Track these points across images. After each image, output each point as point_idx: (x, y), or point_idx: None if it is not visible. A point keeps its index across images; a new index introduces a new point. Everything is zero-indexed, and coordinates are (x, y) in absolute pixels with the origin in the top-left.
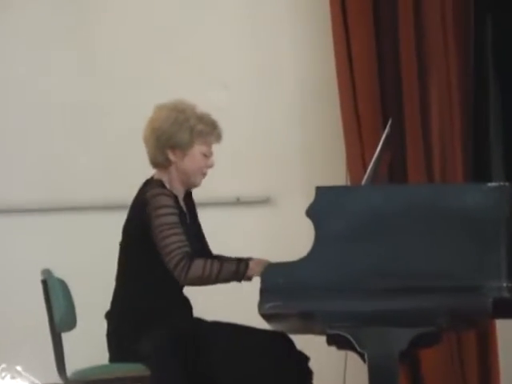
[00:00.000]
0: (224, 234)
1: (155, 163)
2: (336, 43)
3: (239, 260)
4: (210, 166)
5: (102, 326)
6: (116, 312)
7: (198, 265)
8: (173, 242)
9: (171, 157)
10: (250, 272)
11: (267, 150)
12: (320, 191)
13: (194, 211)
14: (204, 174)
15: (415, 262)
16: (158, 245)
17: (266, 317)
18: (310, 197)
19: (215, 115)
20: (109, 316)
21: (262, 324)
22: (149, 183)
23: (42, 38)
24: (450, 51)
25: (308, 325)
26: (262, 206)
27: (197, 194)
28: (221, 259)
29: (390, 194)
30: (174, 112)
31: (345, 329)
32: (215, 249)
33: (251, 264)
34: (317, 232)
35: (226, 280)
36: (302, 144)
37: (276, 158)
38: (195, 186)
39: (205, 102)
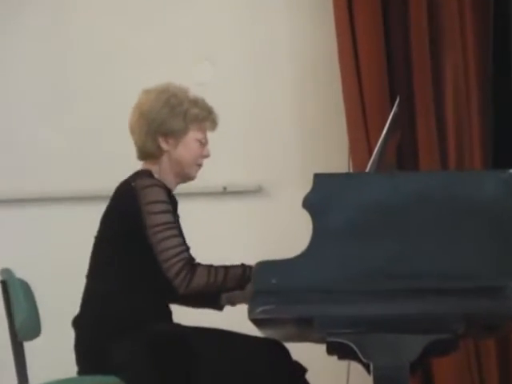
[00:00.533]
0: (210, 227)
1: (144, 153)
2: (336, 13)
3: (244, 265)
4: (206, 156)
5: (70, 334)
6: (86, 316)
7: (202, 272)
8: (171, 246)
9: (163, 145)
10: None
11: (258, 133)
12: (318, 179)
13: (176, 208)
14: (199, 165)
15: (427, 260)
16: (154, 248)
17: (257, 322)
18: (306, 186)
19: (199, 93)
20: (77, 321)
21: (253, 330)
22: (136, 173)
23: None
24: (466, 21)
25: (305, 332)
26: (253, 196)
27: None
28: (224, 265)
29: (398, 183)
30: (164, 94)
31: (347, 336)
32: (200, 246)
33: None
34: (315, 225)
35: (231, 287)
36: (298, 126)
37: (268, 142)
38: (190, 178)
39: (187, 78)
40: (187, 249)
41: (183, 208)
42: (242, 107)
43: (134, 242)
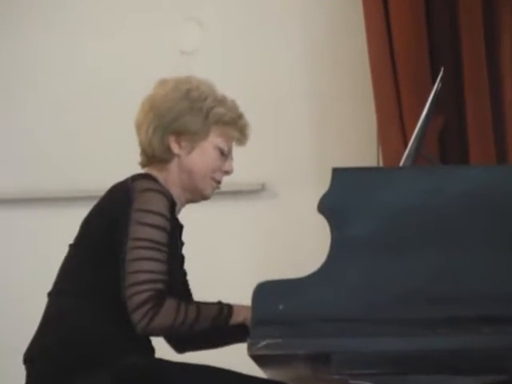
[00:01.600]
0: (204, 232)
1: (148, 157)
2: None
3: (221, 303)
4: (228, 172)
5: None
6: (41, 346)
7: (169, 310)
8: (145, 269)
9: (173, 147)
10: (235, 317)
11: (260, 119)
12: (338, 176)
13: (181, 235)
14: (217, 182)
15: (479, 280)
16: (123, 265)
17: (259, 359)
18: (322, 184)
19: (184, 65)
20: (30, 354)
21: (253, 369)
22: (138, 174)
23: None
24: None
25: (320, 372)
26: (254, 196)
27: None
28: (194, 302)
29: (441, 181)
30: (185, 85)
31: (374, 378)
32: (193, 254)
33: (237, 308)
34: (333, 235)
35: (202, 330)
36: (311, 109)
37: (273, 130)
38: (203, 196)
39: (168, 45)
40: (164, 280)
41: None
42: (240, 85)
43: (114, 255)
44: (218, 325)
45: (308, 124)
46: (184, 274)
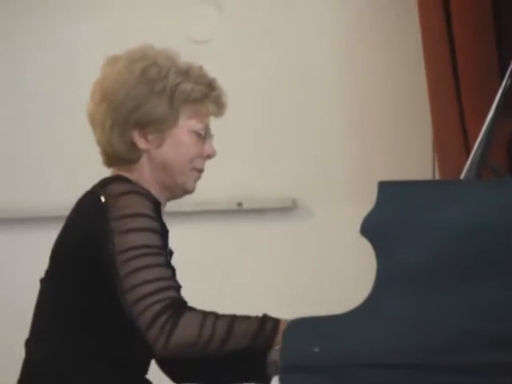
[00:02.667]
0: (227, 257)
1: (111, 157)
2: None
3: (264, 316)
4: (210, 156)
5: None
6: None
7: (192, 321)
8: (149, 279)
9: (140, 143)
10: (280, 337)
11: (289, 123)
12: (385, 191)
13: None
14: (199, 171)
15: None
16: (120, 285)
17: None
18: (364, 201)
19: (197, 57)
20: None
21: None
22: (104, 179)
23: None
24: None
25: None
26: (284, 215)
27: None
28: (227, 314)
29: (509, 197)
30: (139, 63)
31: None
32: (206, 281)
33: (284, 324)
34: (380, 264)
35: (237, 350)
36: (352, 111)
37: (305, 136)
38: (186, 190)
39: (179, 32)
40: (175, 287)
41: (183, 231)
42: (263, 83)
43: (97, 281)
44: (258, 344)
45: (347, 129)
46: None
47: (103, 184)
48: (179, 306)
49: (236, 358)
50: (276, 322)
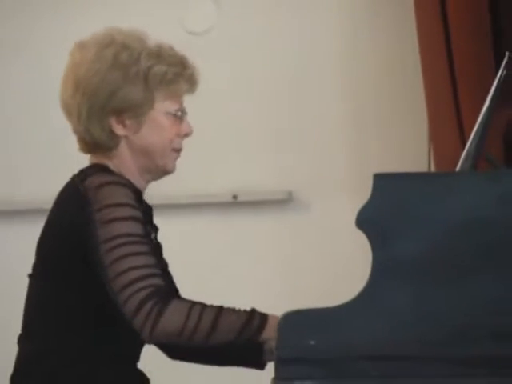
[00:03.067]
0: (223, 249)
1: (90, 144)
2: None
3: (252, 311)
4: (187, 134)
5: None
6: None
7: (179, 309)
8: (133, 266)
9: (117, 128)
10: (268, 332)
11: (286, 116)
12: (380, 183)
13: (155, 231)
14: (177, 151)
15: None
16: (105, 274)
17: None
18: (360, 193)
19: (193, 48)
20: None
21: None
22: (84, 169)
23: None
24: None
25: None
26: (280, 207)
27: (169, 191)
28: (215, 305)
29: (508, 188)
30: (110, 49)
31: None
32: (201, 274)
33: (272, 319)
34: (375, 256)
35: (224, 342)
36: (347, 104)
37: (301, 129)
38: (166, 171)
39: (174, 23)
40: (160, 275)
41: (178, 224)
42: (261, 76)
43: (83, 275)
44: (245, 338)
45: (343, 122)
46: (165, 264)
47: (83, 176)
48: (165, 294)
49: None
50: (264, 317)
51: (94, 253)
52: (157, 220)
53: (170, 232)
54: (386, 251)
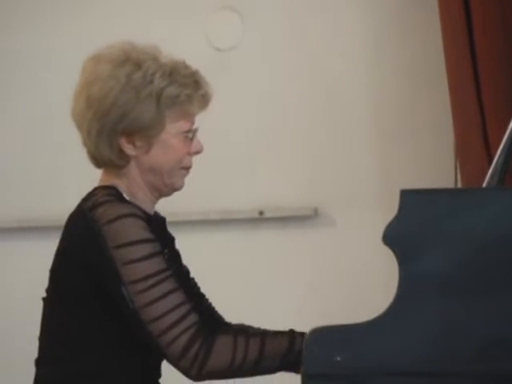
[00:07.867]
0: (248, 266)
1: (99, 161)
2: None
3: (292, 332)
4: (197, 152)
5: None
6: None
7: (224, 348)
8: (169, 309)
9: (127, 148)
10: None
11: (312, 130)
12: (407, 199)
13: (171, 241)
14: (187, 169)
15: None
16: (137, 316)
17: None
18: (386, 209)
19: (218, 65)
20: None
21: None
22: (93, 194)
23: None
24: None
25: None
26: (306, 223)
27: (196, 208)
28: (256, 333)
29: None
30: (124, 68)
31: None
32: (225, 293)
33: None
34: (402, 272)
35: (269, 369)
36: (374, 119)
37: (328, 144)
38: (174, 190)
39: (198, 38)
40: (194, 308)
41: (205, 240)
42: (288, 91)
43: (97, 304)
44: (290, 362)
45: (369, 137)
46: (187, 272)
47: (90, 205)
48: (208, 334)
49: None
50: (303, 338)
51: (116, 292)
52: (183, 236)
53: (197, 248)
54: (413, 267)
